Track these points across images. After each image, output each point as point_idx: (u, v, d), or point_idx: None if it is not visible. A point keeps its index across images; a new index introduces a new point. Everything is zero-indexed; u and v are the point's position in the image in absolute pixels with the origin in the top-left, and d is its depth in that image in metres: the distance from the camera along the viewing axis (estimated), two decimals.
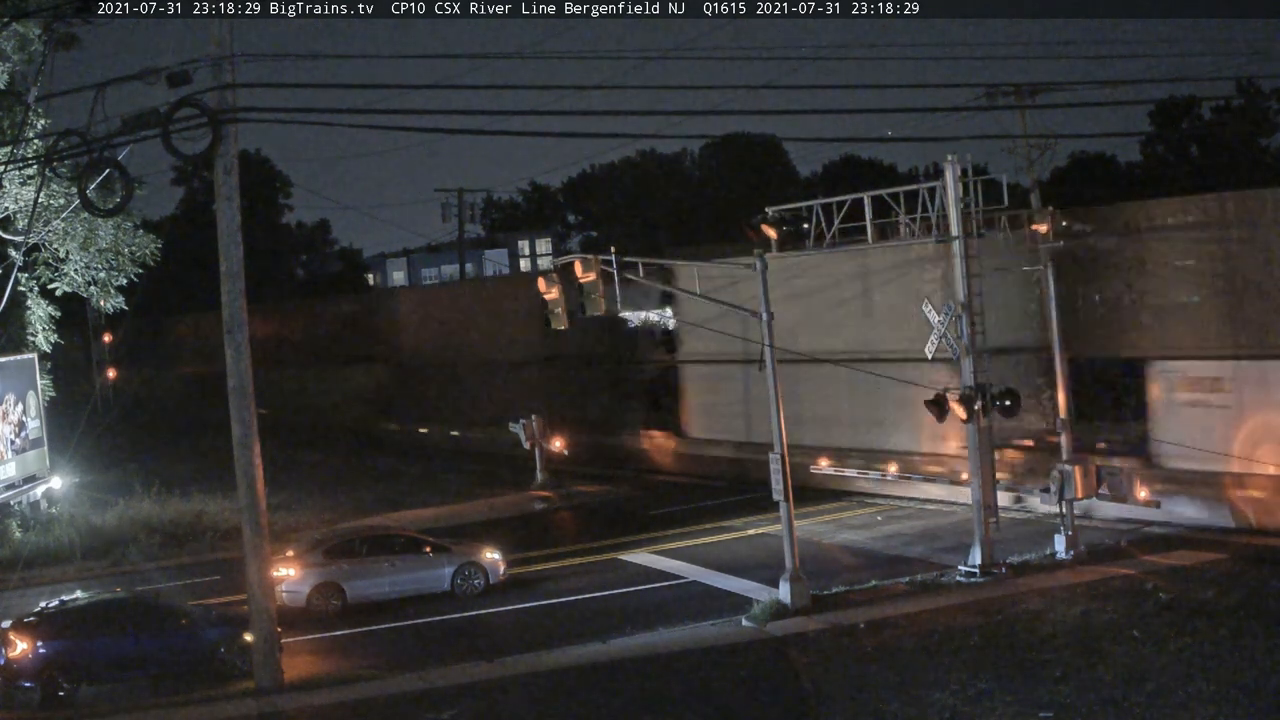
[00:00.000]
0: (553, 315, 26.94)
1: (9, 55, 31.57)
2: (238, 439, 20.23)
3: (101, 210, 27.75)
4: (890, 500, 33.86)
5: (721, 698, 18.57)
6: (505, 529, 33.28)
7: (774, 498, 23.68)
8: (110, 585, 27.33)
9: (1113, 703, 16.67)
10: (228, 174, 20.01)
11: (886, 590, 24.11)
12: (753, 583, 25.26)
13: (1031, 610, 21.67)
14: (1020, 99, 41.59)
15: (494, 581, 26.48)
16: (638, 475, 42.00)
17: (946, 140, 44.72)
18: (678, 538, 31.02)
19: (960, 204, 24.44)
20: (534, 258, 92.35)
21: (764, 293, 23.90)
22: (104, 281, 35.24)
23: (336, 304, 70.57)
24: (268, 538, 20.69)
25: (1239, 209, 27.11)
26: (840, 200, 25.73)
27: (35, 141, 29.01)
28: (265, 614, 20.35)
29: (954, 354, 24.74)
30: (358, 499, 39.58)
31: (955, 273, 24.69)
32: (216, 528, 33.42)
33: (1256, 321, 26.45)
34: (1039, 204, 26.86)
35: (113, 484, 38.65)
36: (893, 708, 17.26)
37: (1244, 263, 26.60)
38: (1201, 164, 69.25)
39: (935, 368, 26.89)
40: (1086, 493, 25.69)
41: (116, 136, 19.47)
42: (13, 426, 34.44)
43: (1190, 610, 20.73)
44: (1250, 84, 63.36)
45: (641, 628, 22.68)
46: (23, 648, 20.37)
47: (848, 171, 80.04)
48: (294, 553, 26.19)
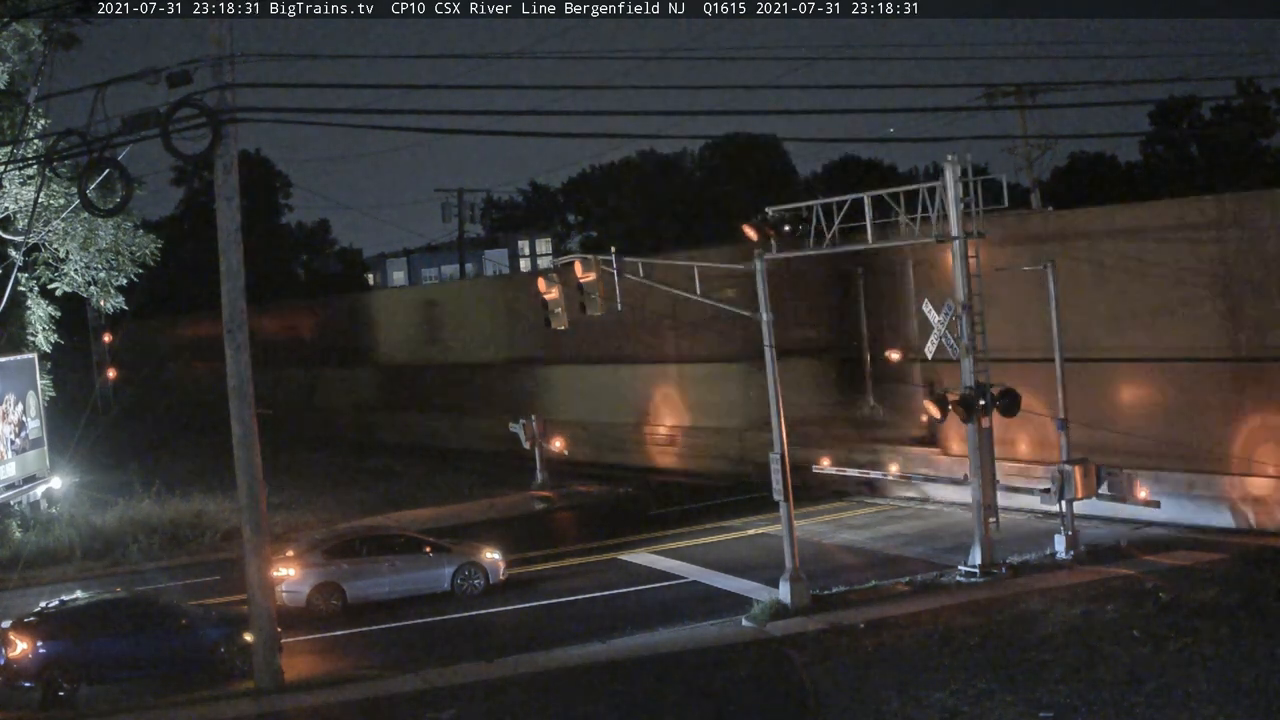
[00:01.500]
0: (553, 315, 26.98)
1: (9, 55, 31.59)
2: (238, 439, 20.23)
3: (101, 210, 27.78)
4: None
5: (721, 698, 18.56)
6: (505, 529, 33.29)
7: (774, 497, 23.70)
8: (110, 585, 27.33)
9: (1113, 703, 16.66)
10: (228, 174, 20.02)
11: (886, 590, 24.10)
12: (753, 583, 25.26)
13: (1031, 610, 21.66)
14: (1020, 99, 41.78)
15: (494, 581, 26.47)
16: (635, 475, 41.98)
17: (946, 140, 44.87)
18: (677, 538, 31.02)
19: (960, 204, 24.45)
20: (534, 258, 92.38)
21: (763, 293, 23.89)
22: (104, 281, 35.26)
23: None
24: (268, 538, 20.69)
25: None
26: (840, 200, 25.72)
27: (35, 141, 29.02)
28: (265, 614, 20.34)
29: (954, 354, 24.76)
30: (358, 499, 39.58)
31: (955, 273, 24.69)
32: (216, 528, 33.40)
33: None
34: (1039, 204, 26.87)
35: (113, 484, 38.61)
36: (893, 708, 17.26)
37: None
38: (1201, 164, 69.32)
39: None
40: (1086, 492, 25.68)
41: (116, 136, 19.45)
42: (13, 426, 34.44)
43: (1190, 610, 20.72)
44: (1250, 84, 63.38)
45: (641, 628, 22.68)
46: (23, 648, 20.36)
47: (848, 171, 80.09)
48: (294, 553, 26.19)
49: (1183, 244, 28.48)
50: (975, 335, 24.53)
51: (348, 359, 63.65)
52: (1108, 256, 29.61)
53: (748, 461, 37.83)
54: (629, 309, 26.99)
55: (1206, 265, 27.98)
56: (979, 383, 24.42)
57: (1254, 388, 27.43)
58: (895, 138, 79.85)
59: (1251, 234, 27.27)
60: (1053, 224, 33.25)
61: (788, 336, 29.98)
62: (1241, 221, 27.60)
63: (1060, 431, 26.36)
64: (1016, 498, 28.07)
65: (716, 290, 29.06)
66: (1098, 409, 28.80)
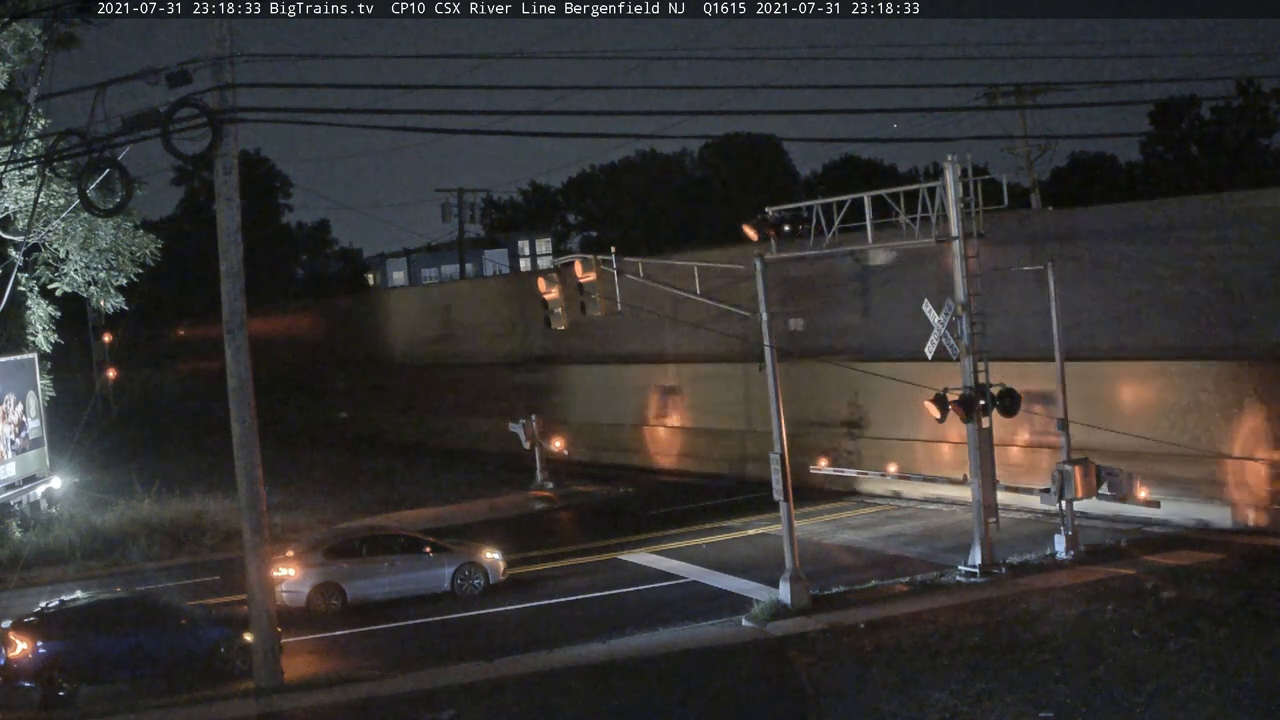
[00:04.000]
0: (553, 315, 27.00)
1: (9, 55, 31.58)
2: (238, 439, 20.22)
3: (101, 210, 27.78)
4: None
5: (721, 698, 18.55)
6: (505, 529, 33.28)
7: (774, 497, 23.69)
8: (110, 585, 27.33)
9: (1113, 703, 16.66)
10: (228, 174, 20.01)
11: (886, 590, 24.10)
12: (752, 583, 25.26)
13: (1031, 610, 21.65)
14: (1020, 99, 41.81)
15: (494, 581, 26.48)
16: (635, 475, 42.00)
17: (946, 140, 44.87)
18: (677, 538, 31.02)
19: (960, 204, 24.44)
20: (534, 258, 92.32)
21: (763, 293, 23.89)
22: (104, 281, 35.24)
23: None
24: (268, 538, 20.68)
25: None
26: (840, 200, 25.72)
27: (35, 141, 29.00)
28: (265, 614, 20.34)
29: (953, 354, 24.75)
30: (358, 499, 39.58)
31: (955, 273, 24.69)
32: (217, 528, 33.40)
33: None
34: (1039, 204, 26.87)
35: (113, 484, 38.63)
36: (893, 708, 17.25)
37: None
38: (1201, 164, 69.35)
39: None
40: (1086, 492, 25.66)
41: (116, 136, 19.43)
42: (13, 426, 34.45)
43: (1190, 610, 20.72)
44: (1250, 84, 63.47)
45: (641, 628, 22.67)
46: (23, 648, 20.36)
47: (848, 171, 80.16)
48: (294, 553, 26.19)
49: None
50: (974, 335, 24.52)
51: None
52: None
53: (748, 461, 37.87)
54: (629, 309, 26.99)
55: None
56: (978, 383, 24.43)
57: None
58: (895, 138, 79.78)
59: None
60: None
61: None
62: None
63: (1060, 431, 26.36)
64: (1017, 497, 28.09)
65: (718, 291, 28.99)
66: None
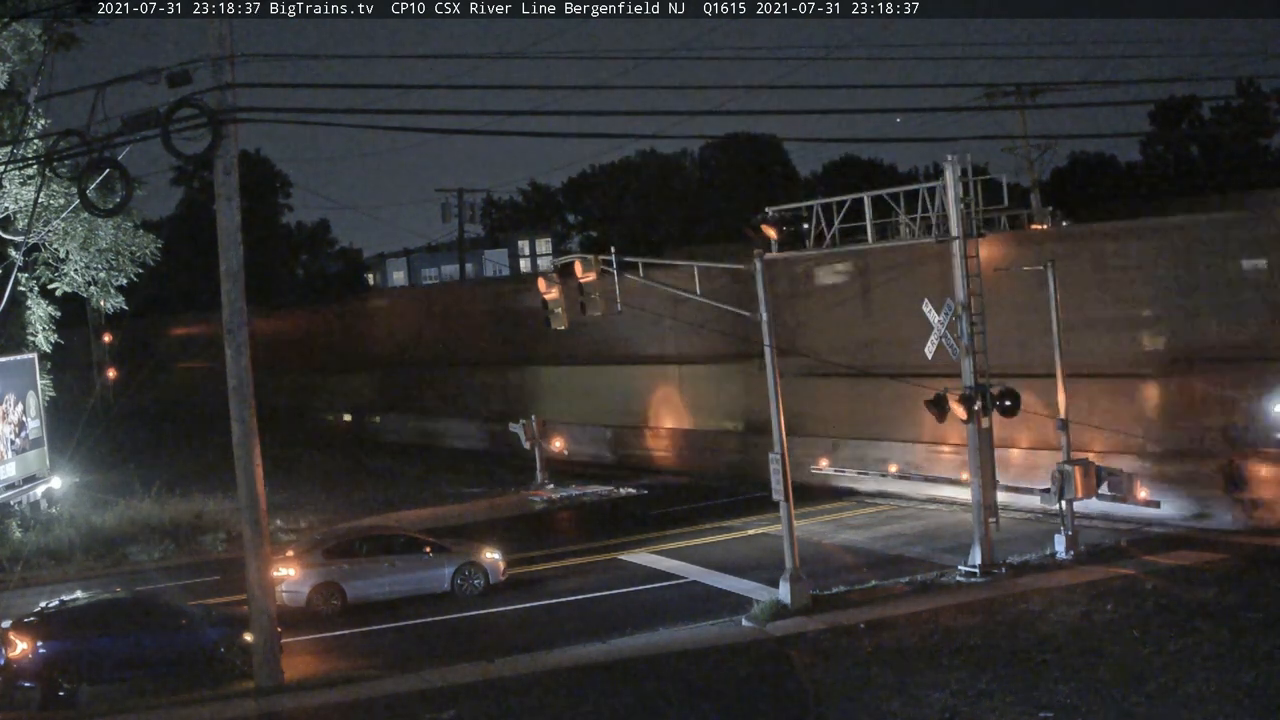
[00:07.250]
0: (553, 315, 26.96)
1: (9, 55, 31.56)
2: (238, 439, 20.22)
3: (101, 210, 27.77)
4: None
5: (721, 698, 18.55)
6: (505, 529, 33.27)
7: (774, 498, 23.69)
8: (110, 585, 27.31)
9: (1113, 703, 16.66)
10: (227, 174, 20.01)
11: (886, 590, 24.10)
12: (753, 583, 25.25)
13: (1031, 610, 21.66)
14: (1020, 99, 41.80)
15: (494, 581, 26.47)
16: (635, 475, 41.96)
17: (946, 140, 44.80)
18: (677, 538, 31.01)
19: (960, 204, 24.43)
20: (534, 258, 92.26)
21: (763, 293, 23.88)
22: (104, 281, 35.24)
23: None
24: (268, 538, 20.68)
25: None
26: (840, 200, 25.73)
27: (35, 141, 28.98)
28: (265, 614, 20.34)
29: (954, 354, 24.75)
30: (358, 499, 39.56)
31: (955, 273, 24.69)
32: (217, 528, 33.40)
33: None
34: (1039, 204, 26.90)
35: (113, 484, 38.60)
36: (893, 708, 17.25)
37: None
38: (1202, 164, 69.32)
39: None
40: (1087, 493, 25.67)
41: (116, 136, 19.43)
42: (13, 426, 34.44)
43: (1190, 610, 20.73)
44: (1250, 84, 63.44)
45: (642, 628, 22.66)
46: (23, 648, 20.36)
47: (848, 171, 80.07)
48: (294, 553, 26.18)
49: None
50: (975, 335, 24.52)
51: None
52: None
53: (748, 461, 37.84)
54: (629, 309, 26.98)
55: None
56: (978, 383, 24.42)
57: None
58: (896, 137, 79.79)
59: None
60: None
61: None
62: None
63: (1060, 431, 26.38)
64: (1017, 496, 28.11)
65: (718, 291, 28.99)
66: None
